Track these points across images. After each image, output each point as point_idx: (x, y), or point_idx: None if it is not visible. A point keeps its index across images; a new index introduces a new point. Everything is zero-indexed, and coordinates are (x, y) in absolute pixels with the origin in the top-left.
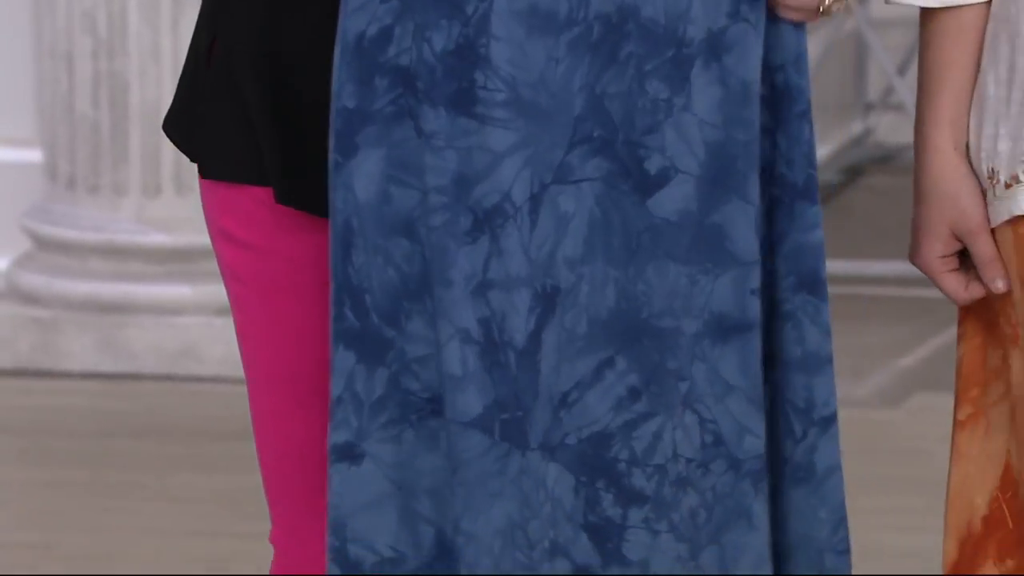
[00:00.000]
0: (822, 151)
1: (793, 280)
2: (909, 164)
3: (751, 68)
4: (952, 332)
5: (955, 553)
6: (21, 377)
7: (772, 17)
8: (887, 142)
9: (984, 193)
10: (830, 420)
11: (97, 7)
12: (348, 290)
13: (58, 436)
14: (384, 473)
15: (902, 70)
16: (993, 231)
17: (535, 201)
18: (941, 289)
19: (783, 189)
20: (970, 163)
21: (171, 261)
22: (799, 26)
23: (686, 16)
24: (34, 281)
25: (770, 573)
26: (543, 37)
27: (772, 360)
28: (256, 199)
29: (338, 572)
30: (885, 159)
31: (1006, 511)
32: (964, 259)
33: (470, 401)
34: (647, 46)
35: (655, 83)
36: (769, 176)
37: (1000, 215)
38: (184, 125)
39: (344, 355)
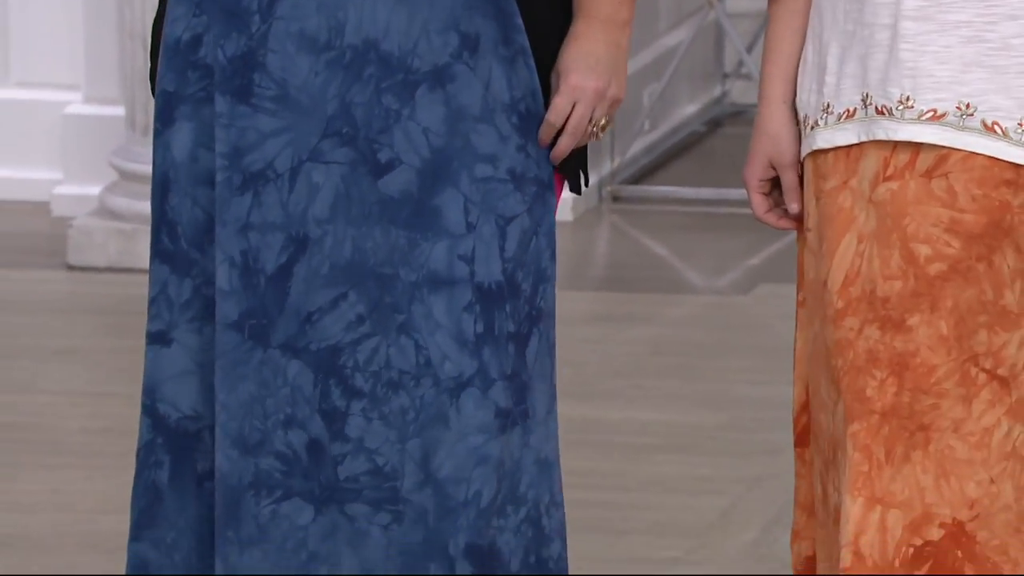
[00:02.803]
0: (691, 109)
1: (549, 253)
2: (754, 118)
3: (468, 96)
4: (786, 241)
5: (803, 395)
6: (111, 272)
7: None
8: (739, 102)
9: (801, 137)
10: None
11: None
12: (164, 222)
13: (138, 316)
14: (189, 355)
15: (750, 49)
16: (802, 162)
17: (294, 172)
18: (750, 202)
19: (538, 186)
20: (797, 113)
21: None
22: (530, 68)
23: (414, 52)
24: (119, 203)
25: (464, 464)
26: (308, 55)
27: (540, 313)
28: None
29: (149, 423)
30: (737, 114)
31: None
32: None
33: (230, 309)
34: (384, 70)
35: (388, 97)
36: (529, 177)
37: (804, 150)
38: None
39: (160, 268)
